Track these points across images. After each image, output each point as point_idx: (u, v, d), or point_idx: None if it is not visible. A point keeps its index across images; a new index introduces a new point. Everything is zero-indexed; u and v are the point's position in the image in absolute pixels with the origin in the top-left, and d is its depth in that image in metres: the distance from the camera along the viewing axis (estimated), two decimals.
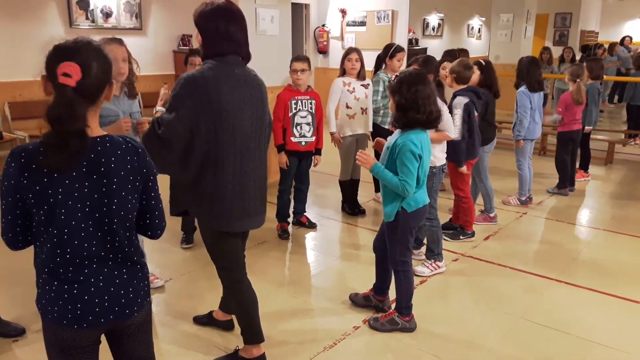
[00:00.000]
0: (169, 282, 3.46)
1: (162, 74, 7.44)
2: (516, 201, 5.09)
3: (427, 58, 3.44)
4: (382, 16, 8.87)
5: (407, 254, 2.80)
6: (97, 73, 1.39)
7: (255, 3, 5.21)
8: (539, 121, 4.95)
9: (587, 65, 5.62)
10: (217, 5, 2.11)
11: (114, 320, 1.51)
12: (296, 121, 4.05)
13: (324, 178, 5.61)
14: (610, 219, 4.82)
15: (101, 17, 6.73)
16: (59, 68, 1.33)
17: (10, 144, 5.87)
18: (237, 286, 2.44)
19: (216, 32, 2.09)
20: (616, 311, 3.17)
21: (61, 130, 1.32)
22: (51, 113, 1.33)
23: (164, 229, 1.65)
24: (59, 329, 1.48)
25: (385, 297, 3.09)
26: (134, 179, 1.48)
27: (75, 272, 1.46)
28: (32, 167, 1.36)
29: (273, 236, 4.26)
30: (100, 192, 1.43)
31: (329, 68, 9.58)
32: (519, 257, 3.92)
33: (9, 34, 5.95)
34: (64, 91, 1.33)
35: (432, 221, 3.50)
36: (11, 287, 3.39)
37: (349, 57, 4.40)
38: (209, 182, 2.16)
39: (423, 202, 2.74)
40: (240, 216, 2.25)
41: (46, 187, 1.38)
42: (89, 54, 1.38)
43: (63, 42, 1.39)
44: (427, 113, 2.57)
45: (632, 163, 6.91)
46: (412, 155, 2.56)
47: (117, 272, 1.51)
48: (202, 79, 2.07)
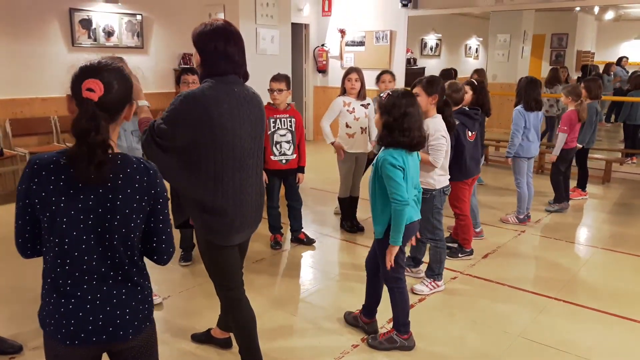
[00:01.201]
0: (167, 299, 3.45)
1: (163, 91, 7.49)
2: (514, 219, 5.10)
3: (431, 79, 3.35)
4: (381, 36, 8.99)
5: (399, 270, 2.79)
6: (118, 91, 1.46)
7: (255, 23, 5.29)
8: (535, 140, 4.97)
9: (585, 85, 5.67)
10: (216, 26, 2.14)
11: (107, 341, 1.50)
12: (275, 139, 4.08)
13: (323, 195, 5.63)
14: (609, 237, 4.83)
15: (103, 36, 6.81)
16: (83, 84, 1.41)
17: (10, 161, 5.90)
18: (236, 304, 2.43)
19: (215, 52, 2.12)
20: (616, 330, 3.16)
21: (85, 142, 1.38)
22: (76, 126, 1.40)
23: (171, 255, 1.64)
24: (54, 344, 1.49)
25: (372, 320, 3.04)
26: (141, 198, 1.49)
27: (74, 286, 1.46)
28: (42, 173, 1.41)
29: (271, 254, 4.26)
30: (104, 207, 1.45)
31: (328, 87, 9.66)
32: (517, 275, 3.92)
33: (11, 52, 6.02)
34: (88, 105, 1.40)
35: (437, 242, 3.50)
36: (9, 304, 3.38)
37: (348, 77, 4.45)
38: (210, 197, 2.16)
39: (410, 219, 2.72)
40: (238, 229, 2.27)
41: (50, 194, 1.41)
42: (110, 73, 1.46)
43: (88, 63, 1.48)
44: (411, 137, 2.59)
45: (629, 182, 6.94)
46: (392, 166, 2.57)
47: (115, 292, 1.50)
48: (203, 97, 2.09)
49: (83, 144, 1.38)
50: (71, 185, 1.42)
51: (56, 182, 1.42)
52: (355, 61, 9.39)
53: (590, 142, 5.76)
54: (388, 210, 2.66)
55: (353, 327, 3.10)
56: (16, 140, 6.07)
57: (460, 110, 3.95)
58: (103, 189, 1.44)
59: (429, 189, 3.34)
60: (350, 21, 9.34)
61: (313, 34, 9.77)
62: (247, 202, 2.26)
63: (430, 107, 3.31)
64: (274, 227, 4.40)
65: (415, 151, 2.71)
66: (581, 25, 14.45)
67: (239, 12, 5.16)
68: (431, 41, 12.21)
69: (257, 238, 2.94)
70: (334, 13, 9.60)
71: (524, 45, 10.39)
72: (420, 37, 11.82)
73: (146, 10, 7.23)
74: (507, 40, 10.28)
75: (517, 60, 10.23)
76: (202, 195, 2.16)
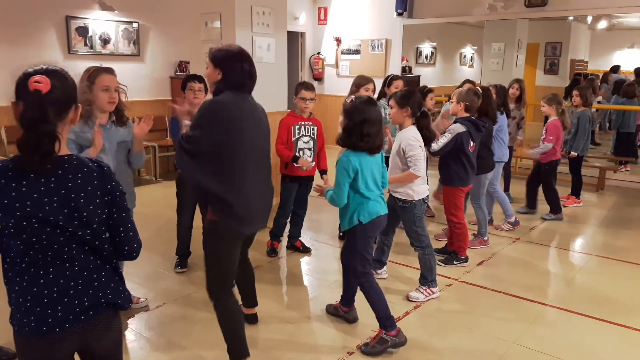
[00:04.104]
0: (162, 306, 3.44)
1: (159, 99, 7.51)
2: (507, 225, 5.12)
3: (405, 93, 3.43)
4: (376, 45, 9.05)
5: (367, 265, 2.93)
6: (62, 90, 1.53)
7: (252, 31, 5.32)
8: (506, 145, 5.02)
9: (580, 92, 5.71)
10: (239, 49, 2.51)
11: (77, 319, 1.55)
12: (299, 146, 4.11)
13: (320, 203, 5.63)
14: (602, 245, 4.85)
15: (99, 44, 6.83)
16: (29, 80, 1.48)
17: None
18: (227, 298, 2.58)
19: (242, 71, 2.47)
20: (611, 337, 3.17)
21: (33, 131, 1.44)
22: (24, 116, 1.46)
23: (140, 245, 1.70)
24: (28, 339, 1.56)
25: (351, 309, 3.25)
26: (102, 193, 1.58)
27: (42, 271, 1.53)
28: (2, 181, 1.46)
29: (267, 260, 4.26)
30: (69, 207, 1.51)
31: (324, 94, 9.71)
32: (512, 282, 3.93)
33: (7, 59, 6.02)
34: (36, 95, 1.46)
35: (424, 249, 3.54)
36: (2, 313, 3.36)
37: (366, 87, 4.41)
38: (235, 192, 2.41)
39: (377, 213, 2.88)
40: (252, 220, 2.55)
41: (15, 199, 1.46)
42: (55, 73, 1.53)
43: (31, 68, 1.55)
44: (368, 142, 2.75)
45: (623, 189, 6.99)
46: (343, 169, 2.77)
47: (83, 275, 1.57)
48: (225, 102, 2.40)
49: (31, 132, 1.44)
50: (35, 189, 1.47)
51: (19, 188, 1.46)
52: (351, 69, 9.45)
53: (584, 149, 5.80)
54: (349, 204, 2.85)
55: (349, 335, 3.11)
56: (11, 147, 6.07)
57: (470, 119, 4.00)
58: (65, 190, 1.50)
59: (409, 199, 3.41)
60: (346, 30, 9.40)
61: (309, 42, 9.83)
62: (266, 196, 2.61)
63: (404, 119, 3.43)
64: (275, 235, 4.38)
65: (374, 154, 2.83)
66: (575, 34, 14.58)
67: (235, 21, 5.19)
68: (426, 50, 12.29)
69: (253, 245, 2.95)
70: (329, 21, 9.67)
71: (519, 53, 10.47)
72: (415, 46, 11.90)
73: (142, 18, 7.26)
74: (502, 48, 10.36)
75: (511, 69, 10.30)
76: (227, 190, 2.40)
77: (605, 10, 7.87)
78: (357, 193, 2.82)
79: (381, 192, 2.95)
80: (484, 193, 4.58)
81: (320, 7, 9.73)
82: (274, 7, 5.52)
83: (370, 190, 2.84)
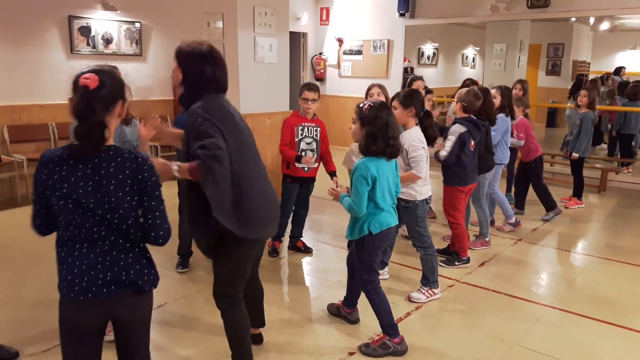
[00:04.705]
0: (163, 306, 3.45)
1: (161, 99, 7.53)
2: (509, 226, 5.12)
3: (409, 93, 3.44)
4: (378, 45, 9.05)
5: (373, 274, 2.91)
6: (110, 86, 1.72)
7: (254, 32, 5.33)
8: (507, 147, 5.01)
9: (588, 93, 5.69)
10: (208, 48, 2.33)
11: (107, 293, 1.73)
12: (301, 147, 4.11)
13: (321, 203, 5.64)
14: (604, 246, 4.85)
15: (102, 44, 6.84)
16: (80, 78, 1.68)
17: (7, 167, 5.90)
18: (236, 308, 2.49)
19: (202, 74, 2.29)
20: (611, 339, 3.17)
21: (85, 122, 1.66)
22: (76, 108, 1.67)
23: (168, 232, 1.80)
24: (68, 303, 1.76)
25: (354, 310, 3.25)
26: (132, 182, 1.72)
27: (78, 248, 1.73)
28: (49, 165, 1.68)
29: (268, 260, 4.26)
30: (101, 192, 1.68)
31: (326, 95, 9.71)
32: (514, 283, 3.93)
33: (10, 58, 6.03)
34: (84, 90, 1.66)
35: (426, 249, 3.54)
36: (7, 310, 3.38)
37: (370, 93, 4.35)
38: (244, 195, 2.26)
39: (387, 225, 2.83)
40: (265, 222, 2.40)
41: (57, 180, 1.67)
42: (103, 72, 1.72)
43: (85, 68, 1.74)
44: (392, 145, 2.72)
45: (624, 191, 6.98)
46: (362, 177, 2.70)
47: (113, 254, 1.75)
48: (224, 106, 2.29)
49: (83, 123, 1.66)
50: (73, 173, 1.67)
51: (60, 172, 1.67)
52: (353, 70, 9.45)
53: (585, 151, 5.80)
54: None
55: (350, 335, 3.11)
56: (14, 146, 6.08)
57: (470, 118, 4.00)
58: (99, 176, 1.68)
59: (411, 199, 3.41)
60: (348, 30, 9.40)
61: (311, 43, 9.83)
62: (273, 198, 2.47)
63: (408, 119, 3.43)
64: (276, 235, 4.35)
65: (393, 158, 2.81)
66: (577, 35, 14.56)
67: (237, 21, 5.20)
68: (428, 50, 12.28)
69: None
70: (331, 22, 9.67)
71: (521, 54, 10.46)
72: (417, 46, 11.89)
73: (145, 18, 7.27)
74: (504, 49, 10.35)
75: (513, 70, 10.30)
76: (237, 194, 2.23)
77: (607, 12, 7.86)
78: (371, 202, 2.77)
79: (393, 202, 2.90)
80: (485, 193, 4.58)
81: (322, 7, 9.73)
82: (276, 8, 5.53)
83: (385, 200, 2.80)
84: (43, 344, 2.93)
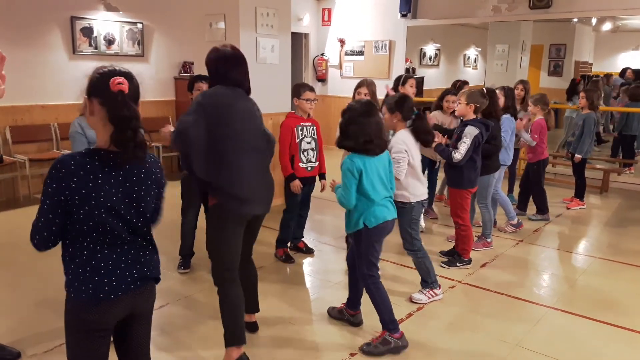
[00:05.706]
0: (164, 306, 3.45)
1: (163, 99, 7.53)
2: (511, 227, 5.12)
3: (398, 98, 3.45)
4: (380, 46, 9.06)
5: (372, 268, 2.92)
6: (134, 89, 1.73)
7: (256, 32, 5.33)
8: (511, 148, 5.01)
9: (586, 95, 5.69)
10: (232, 52, 2.69)
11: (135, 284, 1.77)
12: (303, 147, 4.09)
13: (322, 203, 5.64)
14: (606, 247, 4.84)
15: (104, 44, 6.85)
16: (111, 81, 1.63)
17: (10, 168, 5.91)
18: (229, 284, 2.65)
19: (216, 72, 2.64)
20: (614, 340, 3.16)
21: (129, 127, 1.64)
22: (118, 115, 1.63)
23: (160, 215, 1.93)
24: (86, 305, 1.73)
25: (357, 312, 3.23)
26: (156, 187, 1.81)
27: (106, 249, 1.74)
28: (80, 173, 1.62)
29: (270, 261, 4.26)
30: (130, 197, 1.72)
31: (327, 95, 9.72)
32: (515, 284, 3.93)
33: (12, 59, 5.97)
34: (123, 96, 1.64)
35: (416, 253, 3.53)
36: (9, 311, 3.38)
37: (358, 91, 4.39)
38: (226, 176, 2.51)
39: (384, 218, 2.86)
40: (258, 201, 2.66)
41: (93, 189, 1.63)
42: (129, 75, 1.72)
43: (105, 68, 1.70)
44: (363, 144, 2.76)
45: (626, 192, 6.97)
46: (348, 171, 2.77)
47: (134, 252, 1.79)
48: (219, 94, 2.57)
49: (128, 129, 1.64)
50: (107, 181, 1.66)
51: (94, 179, 1.64)
52: (355, 71, 9.45)
53: (587, 152, 5.79)
54: (356, 207, 2.83)
55: (352, 335, 3.11)
56: (16, 147, 6.09)
57: (480, 119, 3.99)
58: (130, 182, 1.71)
59: (405, 202, 3.41)
60: (350, 31, 9.41)
61: (313, 44, 9.83)
62: (260, 182, 2.67)
63: (395, 123, 3.45)
64: (284, 242, 4.33)
65: (373, 155, 2.82)
66: (579, 36, 14.54)
67: (239, 22, 5.20)
68: (430, 51, 12.27)
69: (257, 246, 2.96)
70: (333, 23, 9.68)
71: (523, 55, 10.45)
72: (419, 47, 11.89)
73: (147, 18, 7.28)
74: (506, 50, 10.35)
75: (515, 71, 10.29)
76: (219, 174, 2.51)
77: (609, 12, 7.84)
78: (363, 195, 2.80)
79: (390, 194, 2.92)
80: (491, 193, 4.57)
81: (324, 8, 9.74)
82: (278, 8, 5.53)
83: (377, 192, 2.82)
84: (45, 345, 2.93)
